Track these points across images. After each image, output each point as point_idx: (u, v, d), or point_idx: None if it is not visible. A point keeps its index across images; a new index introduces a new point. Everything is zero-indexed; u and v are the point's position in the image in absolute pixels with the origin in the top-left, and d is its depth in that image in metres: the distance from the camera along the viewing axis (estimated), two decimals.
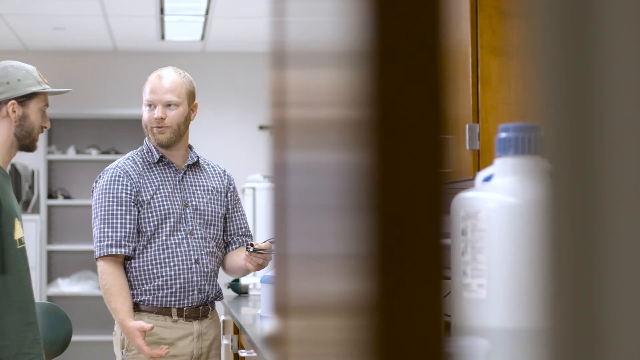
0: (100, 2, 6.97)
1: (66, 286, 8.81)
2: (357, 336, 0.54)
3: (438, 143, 0.49)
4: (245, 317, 4.35)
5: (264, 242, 3.78)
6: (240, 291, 5.47)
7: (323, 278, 0.71)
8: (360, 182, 0.51)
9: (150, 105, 3.82)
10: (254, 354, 3.64)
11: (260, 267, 3.77)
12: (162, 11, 7.25)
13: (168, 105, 3.80)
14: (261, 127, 8.95)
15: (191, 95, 3.88)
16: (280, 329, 1.00)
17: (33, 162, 8.52)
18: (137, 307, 3.75)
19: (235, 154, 8.64)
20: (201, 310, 3.79)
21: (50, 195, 9.00)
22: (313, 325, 0.78)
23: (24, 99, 3.48)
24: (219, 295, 3.86)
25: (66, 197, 9.07)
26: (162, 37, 8.14)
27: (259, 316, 4.32)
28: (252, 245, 3.71)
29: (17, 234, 3.41)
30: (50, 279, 8.97)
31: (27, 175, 8.56)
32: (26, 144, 3.51)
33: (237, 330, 4.42)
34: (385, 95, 0.49)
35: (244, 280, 5.56)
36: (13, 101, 3.46)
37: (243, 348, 4.30)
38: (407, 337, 0.51)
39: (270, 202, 1.16)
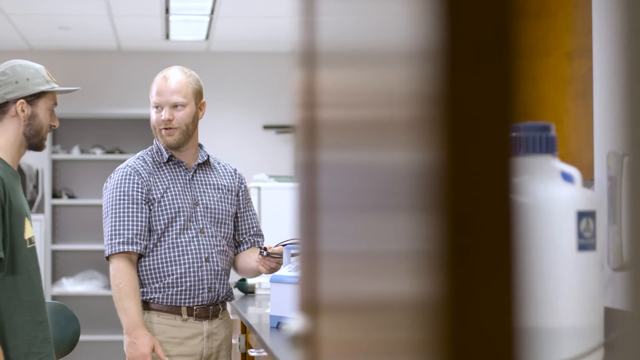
0: (106, 2, 6.97)
1: (70, 286, 8.80)
2: (422, 335, 0.54)
3: (507, 142, 0.48)
4: (253, 316, 4.34)
5: (277, 245, 3.79)
6: (247, 290, 5.46)
7: (379, 277, 0.71)
8: (428, 181, 0.51)
9: (157, 107, 3.82)
10: (264, 353, 3.64)
11: (273, 270, 3.78)
12: (167, 11, 7.24)
13: (175, 106, 3.80)
14: (265, 127, 8.95)
15: (198, 94, 3.88)
16: (312, 328, 1.00)
17: (37, 161, 8.52)
18: (147, 305, 3.75)
19: (240, 153, 8.64)
20: (211, 309, 3.79)
21: (55, 195, 9.00)
22: (363, 323, 0.77)
23: (32, 98, 3.48)
24: (229, 295, 3.86)
25: (70, 196, 9.06)
26: (167, 36, 8.14)
27: (267, 315, 4.32)
28: (265, 249, 3.72)
29: (27, 234, 3.42)
30: (55, 278, 8.97)
31: (32, 175, 8.55)
32: (35, 143, 3.51)
33: (245, 329, 4.41)
34: (457, 94, 0.48)
35: (250, 280, 5.56)
36: (22, 100, 3.46)
37: (251, 347, 4.30)
38: (477, 337, 0.50)
39: (296, 201, 1.16)
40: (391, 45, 0.62)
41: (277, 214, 6.44)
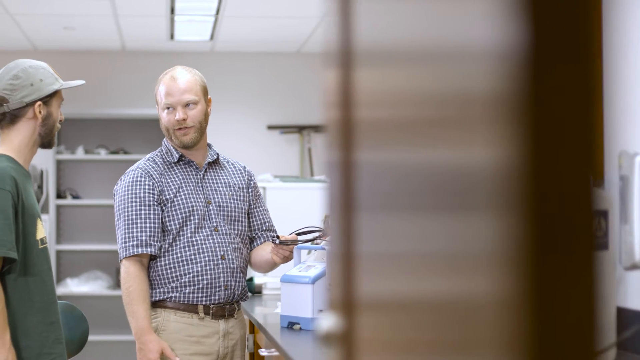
0: (112, 2, 6.98)
1: (75, 286, 8.81)
2: (501, 335, 0.55)
3: (590, 144, 0.49)
4: (261, 316, 4.35)
5: (290, 234, 3.80)
6: (254, 290, 5.48)
7: (442, 277, 0.72)
8: (508, 181, 0.52)
9: (168, 108, 3.83)
10: (275, 353, 3.65)
11: (286, 259, 3.79)
12: (172, 11, 7.25)
13: (187, 105, 3.81)
14: (270, 127, 8.96)
15: (205, 91, 3.92)
16: (347, 327, 1.01)
17: (42, 162, 8.52)
18: (163, 304, 3.76)
19: (244, 153, 8.64)
20: (227, 308, 3.81)
21: (59, 195, 9.01)
22: (420, 323, 0.79)
23: (48, 99, 3.50)
24: (245, 294, 3.87)
25: (75, 197, 9.07)
26: (171, 36, 8.15)
27: (275, 315, 4.33)
28: (277, 237, 3.72)
29: (39, 234, 3.43)
30: (59, 278, 8.98)
31: (36, 175, 8.56)
32: (47, 141, 3.54)
33: (253, 329, 4.43)
34: (541, 93, 0.49)
35: (257, 280, 5.57)
36: (39, 102, 3.47)
37: (260, 347, 4.31)
38: (558, 337, 0.51)
39: (327, 200, 1.17)
40: (464, 44, 0.64)
41: (283, 214, 6.44)
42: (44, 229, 3.50)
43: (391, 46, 0.92)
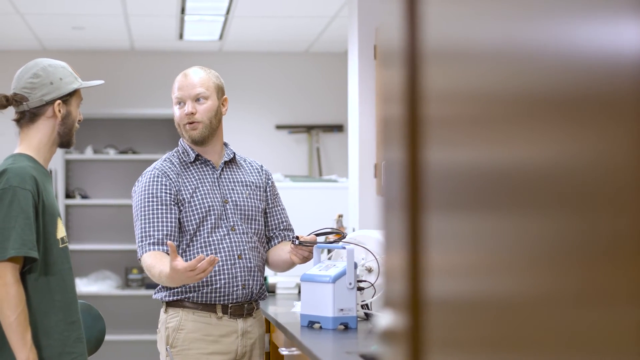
0: (122, 2, 6.98)
1: (84, 286, 8.81)
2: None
3: None
4: (279, 315, 4.35)
5: (309, 234, 3.79)
6: (267, 290, 5.48)
7: (521, 276, 0.71)
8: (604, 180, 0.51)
9: (179, 103, 3.85)
10: (296, 352, 3.65)
11: (305, 259, 3.77)
12: (183, 10, 7.25)
13: (197, 99, 3.82)
14: (278, 127, 8.96)
15: (219, 89, 3.91)
16: (412, 325, 1.01)
17: (50, 161, 8.50)
18: (182, 304, 3.76)
19: (253, 153, 8.60)
20: (246, 307, 3.80)
21: (68, 195, 9.01)
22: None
23: (67, 97, 3.50)
24: (263, 293, 3.86)
25: (84, 196, 9.08)
26: (180, 36, 8.14)
27: (291, 314, 4.33)
28: (297, 238, 3.71)
29: (60, 233, 3.43)
30: None
31: None
32: (66, 141, 3.54)
33: (268, 328, 4.42)
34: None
35: (271, 279, 5.58)
36: (59, 101, 3.47)
37: (276, 346, 4.31)
38: None
39: (387, 198, 1.16)
40: (550, 41, 0.63)
41: (293, 214, 6.44)
42: (64, 227, 3.50)
43: (466, 42, 0.92)
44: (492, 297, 0.87)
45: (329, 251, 4.07)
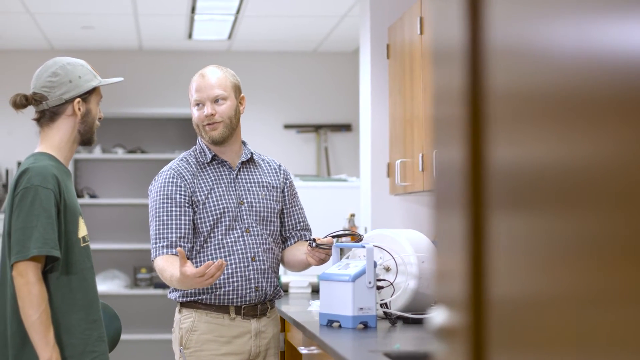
0: (133, 1, 6.98)
1: None
2: None
3: None
4: (294, 314, 4.35)
5: (325, 237, 3.78)
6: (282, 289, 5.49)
7: (594, 274, 0.72)
8: None
9: (198, 104, 3.85)
10: (316, 351, 3.65)
11: (322, 262, 3.76)
12: (193, 10, 7.25)
13: (216, 100, 3.83)
14: (286, 126, 8.96)
15: (237, 88, 3.92)
16: (476, 323, 1.01)
17: None
18: (195, 305, 3.76)
19: (261, 153, 8.65)
20: (259, 308, 3.80)
21: (77, 195, 9.01)
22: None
23: (86, 95, 3.51)
24: (277, 293, 3.86)
25: (92, 196, 9.08)
26: (189, 36, 8.15)
27: (306, 313, 4.33)
28: (314, 240, 3.70)
29: (81, 232, 3.43)
30: None
31: None
32: (87, 139, 3.54)
33: (283, 327, 4.43)
34: None
35: (283, 279, 5.58)
36: (78, 99, 3.48)
37: (292, 345, 4.32)
38: None
39: (440, 197, 1.17)
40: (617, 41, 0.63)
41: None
42: (85, 226, 3.51)
43: (532, 41, 0.92)
44: (557, 296, 0.88)
45: (342, 251, 4.06)
